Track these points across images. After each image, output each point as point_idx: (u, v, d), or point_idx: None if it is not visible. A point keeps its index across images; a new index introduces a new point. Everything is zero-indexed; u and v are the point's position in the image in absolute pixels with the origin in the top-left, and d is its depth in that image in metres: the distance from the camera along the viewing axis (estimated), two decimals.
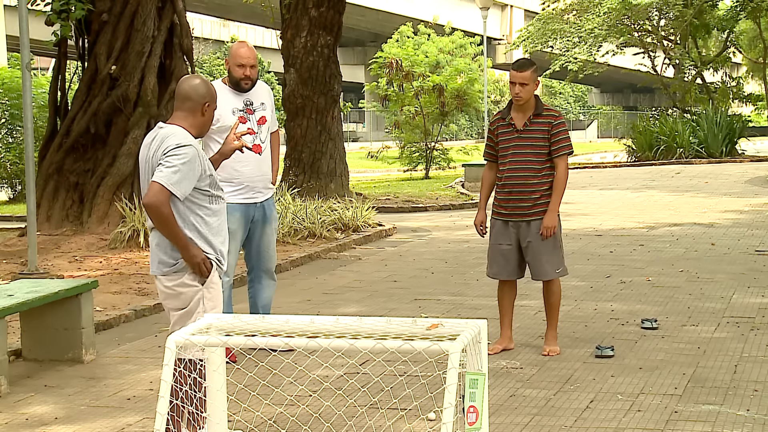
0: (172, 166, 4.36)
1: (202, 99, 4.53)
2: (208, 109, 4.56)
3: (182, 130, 4.49)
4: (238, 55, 6.23)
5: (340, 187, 15.06)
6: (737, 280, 8.80)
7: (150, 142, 4.54)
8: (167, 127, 4.52)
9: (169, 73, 12.31)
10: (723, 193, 17.35)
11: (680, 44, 31.51)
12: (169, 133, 4.47)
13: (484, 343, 3.52)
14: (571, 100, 79.10)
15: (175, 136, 4.45)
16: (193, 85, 4.56)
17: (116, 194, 11.58)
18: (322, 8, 14.89)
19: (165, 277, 4.54)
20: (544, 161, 6.20)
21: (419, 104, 25.35)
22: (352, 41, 54.14)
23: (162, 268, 4.53)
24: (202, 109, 4.54)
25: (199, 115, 4.54)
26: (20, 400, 5.55)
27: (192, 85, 4.56)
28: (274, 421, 4.90)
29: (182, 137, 4.44)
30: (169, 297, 4.58)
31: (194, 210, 4.50)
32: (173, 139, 4.43)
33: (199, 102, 4.53)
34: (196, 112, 4.53)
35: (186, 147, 4.40)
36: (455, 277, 9.40)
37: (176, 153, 4.38)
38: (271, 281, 6.61)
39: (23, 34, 9.20)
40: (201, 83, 4.58)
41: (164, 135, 4.48)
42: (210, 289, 4.57)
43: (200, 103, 4.53)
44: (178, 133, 4.47)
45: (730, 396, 5.29)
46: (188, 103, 4.53)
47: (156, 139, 4.50)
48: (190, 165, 4.39)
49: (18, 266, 9.63)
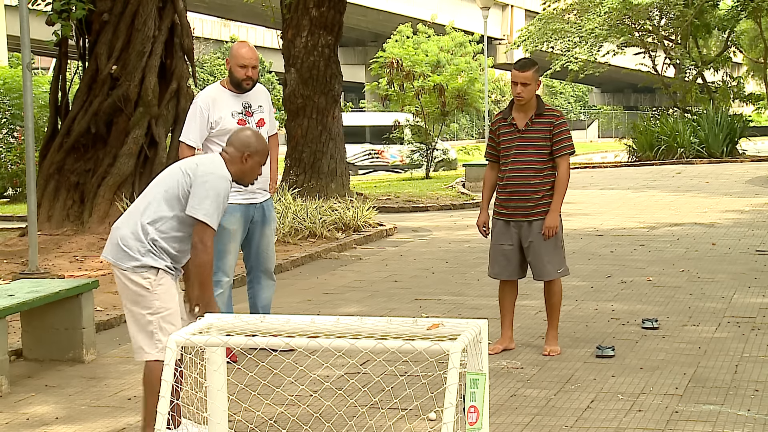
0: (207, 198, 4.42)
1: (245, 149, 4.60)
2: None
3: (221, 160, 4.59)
4: (239, 55, 6.21)
5: (340, 186, 15.06)
6: (738, 280, 8.79)
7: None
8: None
9: (169, 73, 12.31)
10: (724, 193, 17.35)
11: (681, 44, 31.50)
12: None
13: (485, 343, 3.52)
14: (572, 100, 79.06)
15: (214, 163, 4.54)
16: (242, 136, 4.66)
17: (117, 194, 11.59)
18: (322, 8, 14.88)
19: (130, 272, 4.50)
20: (545, 161, 6.20)
21: (420, 104, 25.35)
22: (353, 41, 54.09)
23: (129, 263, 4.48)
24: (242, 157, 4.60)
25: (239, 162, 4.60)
26: (21, 400, 5.55)
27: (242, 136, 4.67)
28: (275, 421, 4.90)
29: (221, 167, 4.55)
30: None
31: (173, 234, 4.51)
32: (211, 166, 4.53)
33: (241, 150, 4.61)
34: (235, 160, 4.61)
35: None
36: (456, 277, 9.39)
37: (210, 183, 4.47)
38: (271, 281, 6.61)
39: (24, 33, 9.20)
40: (252, 134, 4.67)
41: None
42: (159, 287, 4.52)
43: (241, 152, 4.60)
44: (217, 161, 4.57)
45: (730, 396, 5.29)
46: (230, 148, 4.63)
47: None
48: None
49: (19, 266, 9.63)
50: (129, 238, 4.47)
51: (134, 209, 4.59)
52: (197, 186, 4.43)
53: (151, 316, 4.46)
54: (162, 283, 4.46)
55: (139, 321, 4.48)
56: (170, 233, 4.48)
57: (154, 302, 4.46)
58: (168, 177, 4.57)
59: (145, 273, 4.45)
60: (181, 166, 4.58)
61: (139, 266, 4.44)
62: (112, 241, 4.56)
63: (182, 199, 4.48)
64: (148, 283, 4.45)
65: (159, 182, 4.60)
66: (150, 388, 4.47)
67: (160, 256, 4.46)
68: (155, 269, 4.46)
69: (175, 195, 4.49)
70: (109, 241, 4.58)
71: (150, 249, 4.45)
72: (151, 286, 4.45)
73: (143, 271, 4.45)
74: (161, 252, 4.46)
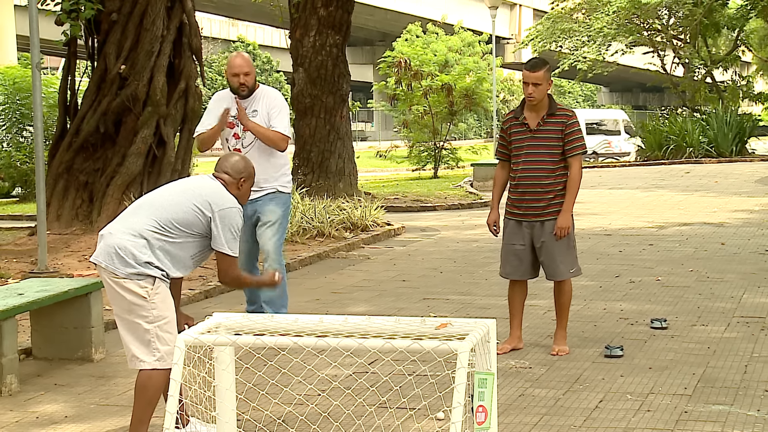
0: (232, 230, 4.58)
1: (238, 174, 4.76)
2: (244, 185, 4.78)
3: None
4: (232, 65, 6.80)
5: (348, 186, 15.07)
6: (747, 279, 8.77)
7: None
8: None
9: (178, 73, 12.32)
10: (733, 193, 17.30)
11: (690, 43, 31.43)
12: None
13: (493, 342, 3.52)
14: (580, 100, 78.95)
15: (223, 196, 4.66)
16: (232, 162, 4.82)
17: (125, 193, 11.60)
18: (330, 7, 14.89)
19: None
20: (557, 161, 6.19)
21: (428, 103, 25.34)
22: (361, 40, 54.11)
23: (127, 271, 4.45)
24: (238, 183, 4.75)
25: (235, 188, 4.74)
26: (30, 399, 5.57)
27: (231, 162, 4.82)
28: (283, 420, 4.91)
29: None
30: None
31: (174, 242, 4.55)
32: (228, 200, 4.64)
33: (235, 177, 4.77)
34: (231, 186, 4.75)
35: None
36: (464, 276, 9.39)
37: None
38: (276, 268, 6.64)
39: (33, 33, 9.23)
40: (240, 160, 4.83)
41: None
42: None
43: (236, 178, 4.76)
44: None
45: (740, 396, 5.28)
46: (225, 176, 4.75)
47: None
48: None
49: (28, 265, 9.66)
50: (128, 246, 4.40)
51: (132, 218, 4.53)
52: (220, 224, 4.53)
53: (148, 324, 4.40)
54: (159, 291, 4.42)
55: (135, 330, 4.42)
56: (172, 249, 4.49)
57: (152, 311, 4.41)
58: (177, 204, 4.54)
59: (142, 282, 4.39)
60: (193, 201, 4.55)
61: (136, 274, 4.38)
62: (106, 247, 4.45)
63: (194, 230, 4.53)
64: (145, 292, 4.40)
65: (165, 203, 4.56)
66: (141, 396, 4.44)
67: (157, 265, 4.43)
68: (152, 278, 4.41)
69: (186, 223, 4.50)
70: (103, 247, 4.47)
71: (148, 259, 4.41)
72: (148, 295, 4.40)
73: (140, 280, 4.39)
74: (159, 262, 4.44)
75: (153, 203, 4.59)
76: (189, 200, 4.55)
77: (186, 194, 4.59)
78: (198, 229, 4.54)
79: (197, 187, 4.64)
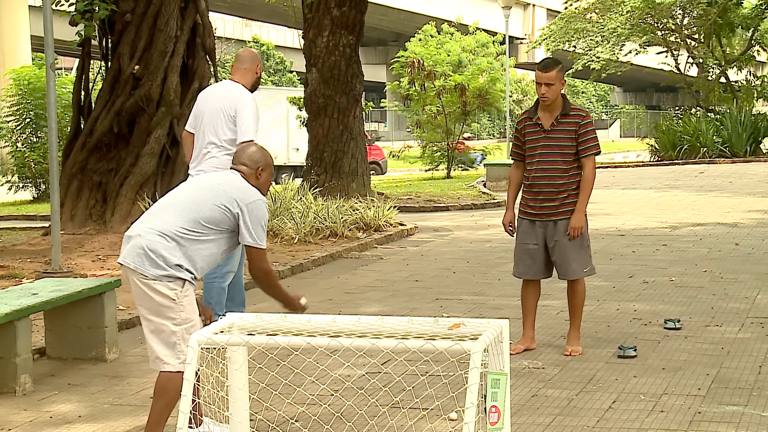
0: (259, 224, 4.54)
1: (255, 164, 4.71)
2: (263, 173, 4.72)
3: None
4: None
5: (361, 186, 15.06)
6: (761, 280, 8.73)
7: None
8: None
9: (191, 73, 12.35)
10: (747, 193, 17.22)
11: (704, 43, 31.31)
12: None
13: (506, 342, 3.51)
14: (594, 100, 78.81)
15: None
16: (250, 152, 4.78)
17: (139, 193, 11.64)
18: (344, 8, 14.89)
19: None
20: (571, 161, 6.19)
21: (441, 103, 25.33)
22: (374, 41, 54.13)
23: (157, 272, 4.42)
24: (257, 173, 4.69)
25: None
26: (44, 398, 5.59)
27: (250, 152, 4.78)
28: (296, 420, 4.91)
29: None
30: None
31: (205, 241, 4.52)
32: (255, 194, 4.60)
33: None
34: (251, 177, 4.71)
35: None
36: (477, 276, 9.38)
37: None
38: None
39: (47, 34, 9.26)
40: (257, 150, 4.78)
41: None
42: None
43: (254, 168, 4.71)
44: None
45: (754, 397, 5.26)
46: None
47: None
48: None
49: (42, 265, 9.70)
50: (158, 248, 4.35)
51: (158, 219, 4.48)
52: (249, 219, 4.49)
53: (175, 326, 4.37)
54: (187, 294, 4.40)
55: (161, 331, 4.39)
56: (203, 247, 4.45)
57: (180, 314, 4.37)
58: (203, 203, 4.50)
59: (171, 284, 4.36)
60: (219, 198, 4.50)
61: (166, 276, 4.34)
62: (134, 248, 4.39)
63: (222, 226, 4.48)
64: (175, 294, 4.36)
65: (191, 202, 4.51)
66: (161, 398, 4.43)
67: (187, 268, 4.41)
68: (182, 280, 4.38)
69: (214, 220, 4.46)
70: (131, 249, 4.41)
71: (179, 261, 4.37)
72: (177, 297, 4.36)
73: (170, 282, 4.35)
74: (189, 264, 4.41)
75: (178, 203, 4.53)
76: (214, 198, 4.51)
77: (211, 192, 4.54)
78: (227, 225, 4.50)
79: (220, 184, 4.60)
